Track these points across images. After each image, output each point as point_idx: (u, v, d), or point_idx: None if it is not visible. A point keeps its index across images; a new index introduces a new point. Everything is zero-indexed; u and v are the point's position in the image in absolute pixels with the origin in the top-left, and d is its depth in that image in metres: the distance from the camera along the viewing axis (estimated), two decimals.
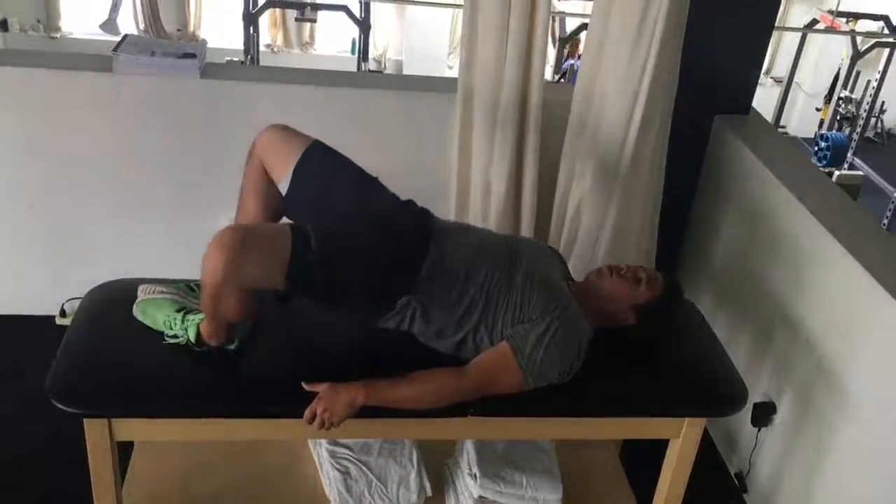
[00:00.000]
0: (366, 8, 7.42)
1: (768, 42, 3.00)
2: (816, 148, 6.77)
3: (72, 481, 1.99)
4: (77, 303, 2.08)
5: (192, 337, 1.83)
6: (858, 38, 7.41)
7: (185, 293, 1.97)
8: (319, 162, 1.93)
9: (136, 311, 1.93)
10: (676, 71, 2.64)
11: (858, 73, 7.52)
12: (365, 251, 1.81)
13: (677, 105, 2.71)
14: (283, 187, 1.93)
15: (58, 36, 8.26)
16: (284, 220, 2.01)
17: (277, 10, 8.35)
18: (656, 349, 2.13)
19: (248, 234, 1.67)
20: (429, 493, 2.30)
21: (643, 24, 2.49)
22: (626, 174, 2.69)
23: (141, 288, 1.96)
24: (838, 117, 7.56)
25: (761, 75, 3.40)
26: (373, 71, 8.38)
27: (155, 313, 1.89)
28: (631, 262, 2.35)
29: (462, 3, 2.62)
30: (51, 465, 2.45)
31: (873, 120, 7.97)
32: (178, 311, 1.87)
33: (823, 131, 7.21)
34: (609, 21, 2.56)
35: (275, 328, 1.94)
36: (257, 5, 7.11)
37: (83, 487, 1.89)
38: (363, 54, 7.65)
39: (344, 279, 1.78)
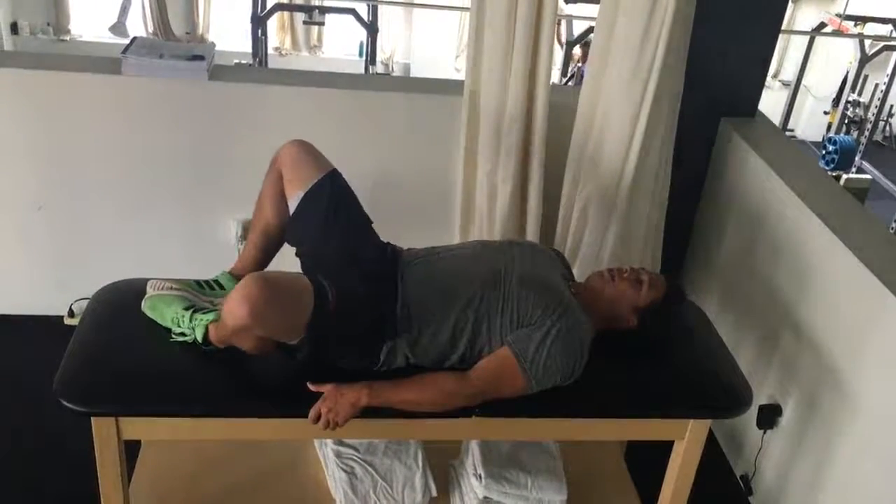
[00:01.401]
0: (373, 11, 7.45)
1: (775, 45, 3.00)
2: (824, 151, 6.75)
3: (79, 480, 2.00)
4: (85, 303, 2.10)
5: (199, 337, 1.84)
6: (867, 42, 7.40)
7: (194, 291, 1.99)
8: (328, 196, 1.97)
9: (145, 307, 1.94)
10: (682, 73, 2.64)
11: (867, 76, 7.51)
12: (365, 303, 1.85)
13: (683, 107, 2.71)
14: (291, 207, 1.99)
15: (67, 39, 8.31)
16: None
17: (286, 13, 8.39)
18: (661, 351, 2.13)
19: (274, 291, 1.67)
20: (434, 493, 2.30)
21: (649, 26, 2.49)
22: (631, 177, 2.69)
23: (150, 283, 1.98)
24: (846, 121, 7.55)
25: (769, 79, 3.40)
26: (380, 74, 8.40)
27: (164, 309, 1.91)
28: (636, 264, 2.35)
29: (469, 6, 2.63)
30: (58, 464, 2.47)
31: (881, 123, 7.95)
32: (187, 308, 1.89)
33: (831, 135, 7.20)
34: (615, 24, 2.56)
35: None
36: (266, 8, 7.15)
37: (91, 486, 1.91)
38: (371, 57, 7.68)
39: (350, 332, 1.82)
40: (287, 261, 2.03)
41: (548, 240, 2.92)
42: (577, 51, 7.27)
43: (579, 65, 7.21)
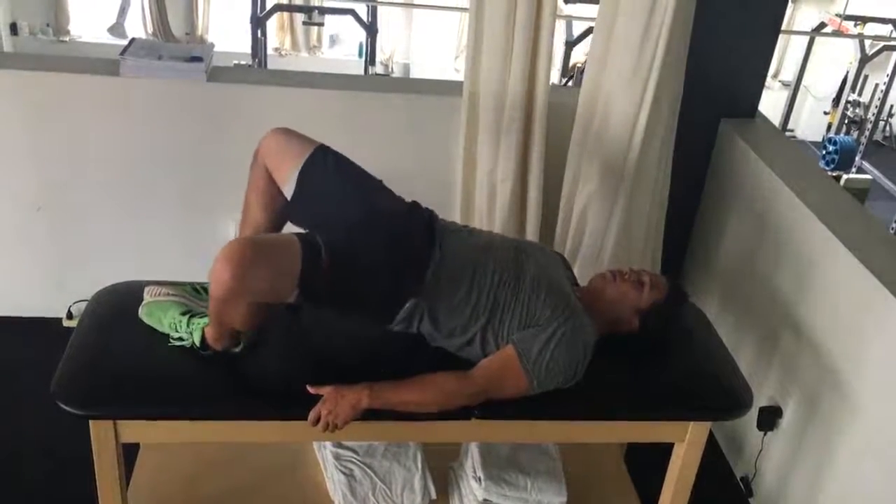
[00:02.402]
0: (373, 12, 7.44)
1: (775, 45, 2.99)
2: (824, 151, 6.75)
3: (77, 483, 1.99)
4: (84, 305, 2.09)
5: (196, 340, 1.84)
6: (867, 42, 7.39)
7: (191, 296, 1.98)
8: (325, 166, 1.92)
9: (142, 313, 1.94)
10: (682, 74, 2.64)
11: (867, 76, 7.51)
12: (374, 258, 1.80)
13: (683, 108, 2.71)
14: (288, 190, 1.93)
15: (67, 39, 8.30)
16: (290, 227, 2.01)
17: (285, 13, 8.38)
18: (662, 353, 2.13)
19: (256, 249, 1.64)
20: (433, 495, 2.30)
21: (649, 26, 2.48)
22: (631, 177, 2.69)
23: (147, 290, 1.97)
24: (846, 121, 7.54)
25: (769, 79, 3.39)
26: (380, 74, 8.39)
27: (161, 316, 1.90)
28: (636, 265, 2.35)
29: (468, 6, 2.62)
30: (56, 467, 2.46)
31: (881, 123, 7.94)
32: (184, 313, 1.88)
33: (831, 135, 7.19)
34: (615, 24, 2.56)
35: (280, 331, 1.94)
36: (265, 9, 7.14)
37: (89, 489, 1.90)
38: (370, 58, 7.68)
39: (355, 287, 1.78)
40: None
41: (547, 240, 2.92)
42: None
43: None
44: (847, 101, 7.51)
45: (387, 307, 1.83)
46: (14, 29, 7.99)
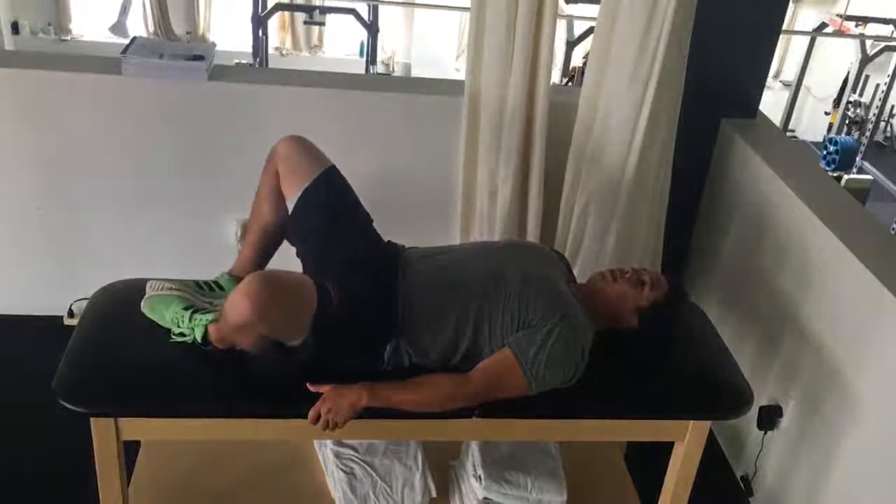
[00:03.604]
0: (374, 11, 7.44)
1: (776, 45, 2.99)
2: (825, 152, 6.76)
3: (78, 480, 2.00)
4: (85, 303, 2.09)
5: (198, 337, 1.84)
6: (868, 42, 7.39)
7: (194, 291, 1.98)
8: (324, 197, 1.98)
9: (145, 307, 1.94)
10: (683, 74, 2.64)
11: (867, 77, 7.51)
12: (367, 303, 1.84)
13: (684, 108, 2.71)
14: (289, 206, 1.99)
15: (68, 38, 8.31)
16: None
17: (286, 13, 8.38)
18: (662, 352, 2.13)
19: (277, 289, 1.67)
20: (433, 494, 2.30)
21: (650, 27, 2.48)
22: (632, 177, 2.69)
23: (149, 284, 1.98)
24: (847, 121, 7.55)
25: (770, 79, 3.39)
26: (381, 74, 8.40)
27: (163, 310, 1.91)
28: (637, 265, 2.35)
29: (469, 6, 2.62)
30: (57, 464, 2.46)
31: (882, 124, 7.94)
32: (186, 308, 1.89)
33: (832, 135, 7.20)
34: (615, 24, 2.56)
35: None
36: (266, 8, 7.15)
37: (90, 487, 1.91)
38: (371, 57, 7.68)
39: (353, 332, 1.82)
40: (288, 262, 2.03)
41: (548, 240, 2.92)
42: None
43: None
44: (848, 102, 7.52)
45: (371, 351, 1.85)
46: (15, 28, 7.99)
